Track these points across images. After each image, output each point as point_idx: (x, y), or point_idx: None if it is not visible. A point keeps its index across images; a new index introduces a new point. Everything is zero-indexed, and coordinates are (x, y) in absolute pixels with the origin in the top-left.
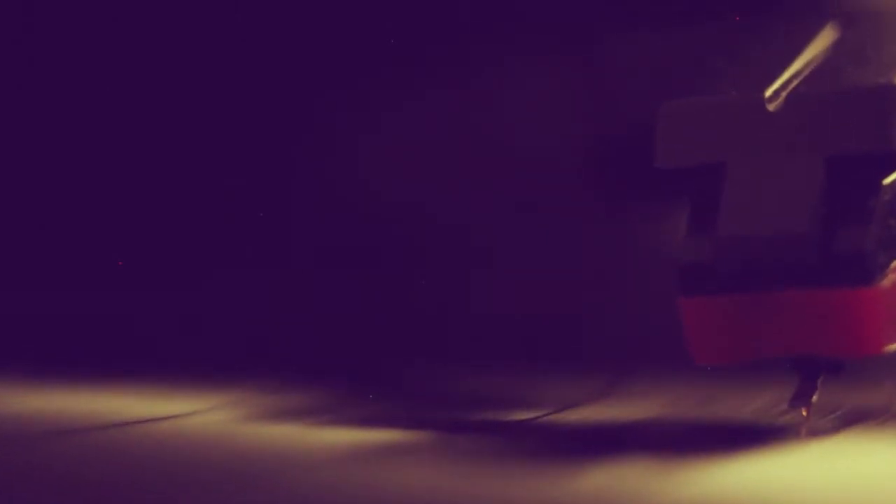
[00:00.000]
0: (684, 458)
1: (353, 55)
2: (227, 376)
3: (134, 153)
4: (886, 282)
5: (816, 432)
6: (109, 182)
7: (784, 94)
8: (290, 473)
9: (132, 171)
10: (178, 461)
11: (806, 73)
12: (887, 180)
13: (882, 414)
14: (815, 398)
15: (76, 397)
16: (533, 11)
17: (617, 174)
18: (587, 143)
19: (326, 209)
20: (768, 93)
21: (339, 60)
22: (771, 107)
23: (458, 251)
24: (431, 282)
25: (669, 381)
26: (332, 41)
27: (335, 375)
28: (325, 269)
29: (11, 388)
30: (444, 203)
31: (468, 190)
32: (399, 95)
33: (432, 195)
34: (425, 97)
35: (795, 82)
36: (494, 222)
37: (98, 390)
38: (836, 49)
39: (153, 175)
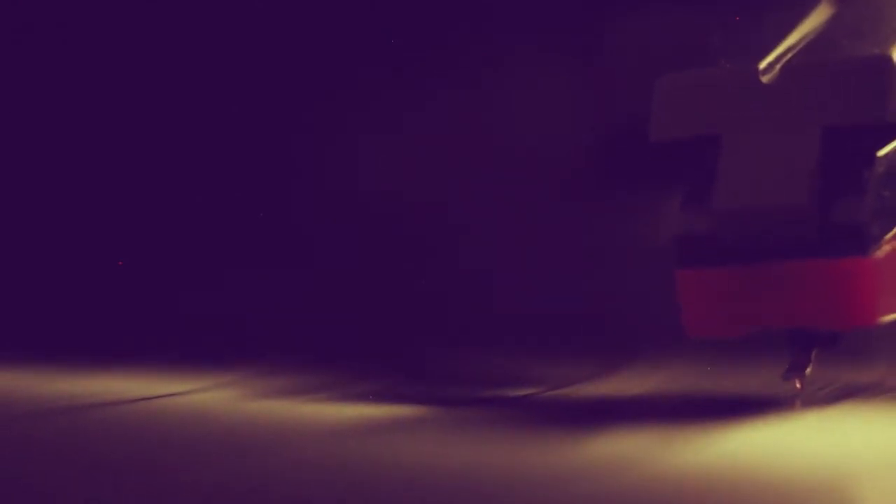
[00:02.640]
0: (684, 429)
1: (353, 56)
2: (228, 359)
3: (138, 155)
4: (881, 252)
5: (811, 404)
6: (114, 182)
7: (778, 66)
8: (294, 445)
9: (136, 172)
10: (180, 435)
11: (801, 45)
12: (882, 151)
13: (875, 389)
14: (809, 371)
15: (82, 379)
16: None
17: (617, 160)
18: (587, 130)
19: (326, 209)
20: (763, 65)
21: (339, 61)
22: (765, 79)
23: (462, 236)
24: (436, 267)
25: (670, 358)
26: (333, 42)
27: (341, 358)
28: (330, 259)
29: (25, 371)
30: (446, 194)
31: (469, 181)
32: (400, 96)
33: (435, 189)
34: (426, 97)
35: (790, 54)
36: (496, 210)
37: (102, 373)
38: (832, 22)
39: (157, 175)
